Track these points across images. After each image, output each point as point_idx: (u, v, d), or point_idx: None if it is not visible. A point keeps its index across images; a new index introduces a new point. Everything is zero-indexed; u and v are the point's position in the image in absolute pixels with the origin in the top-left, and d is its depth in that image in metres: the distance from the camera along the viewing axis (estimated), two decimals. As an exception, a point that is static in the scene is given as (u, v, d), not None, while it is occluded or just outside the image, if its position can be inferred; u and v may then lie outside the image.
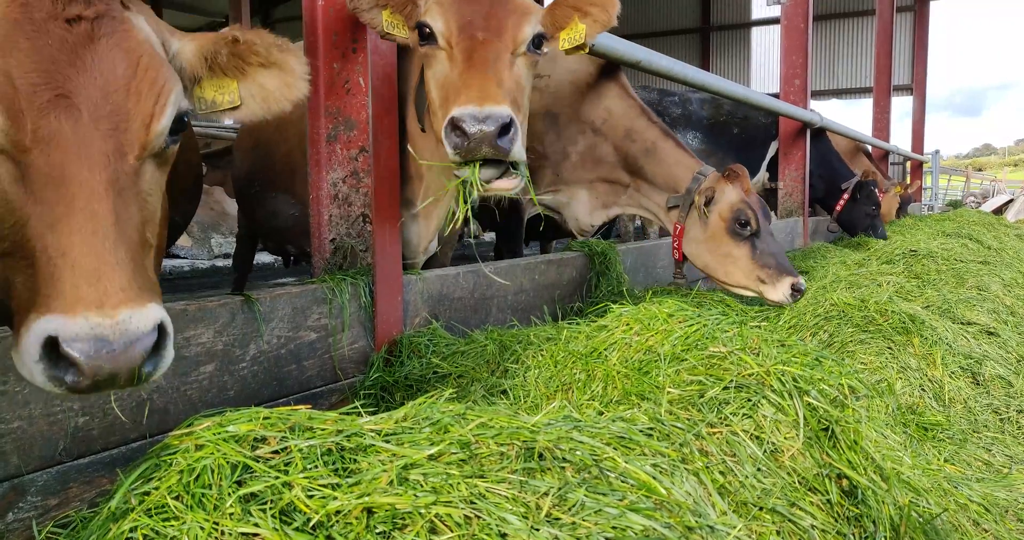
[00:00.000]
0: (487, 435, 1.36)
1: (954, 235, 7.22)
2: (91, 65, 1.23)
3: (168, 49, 1.47)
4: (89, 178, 1.17)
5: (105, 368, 1.10)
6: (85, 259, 1.12)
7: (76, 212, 1.15)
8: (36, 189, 1.17)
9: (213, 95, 1.51)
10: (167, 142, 1.34)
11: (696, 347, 2.02)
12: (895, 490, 1.83)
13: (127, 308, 1.11)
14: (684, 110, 7.76)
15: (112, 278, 1.12)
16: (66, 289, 1.10)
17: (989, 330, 3.92)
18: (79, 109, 1.20)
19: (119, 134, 1.24)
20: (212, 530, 1.13)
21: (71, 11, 1.24)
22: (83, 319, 1.08)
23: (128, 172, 1.24)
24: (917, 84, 17.07)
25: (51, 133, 1.18)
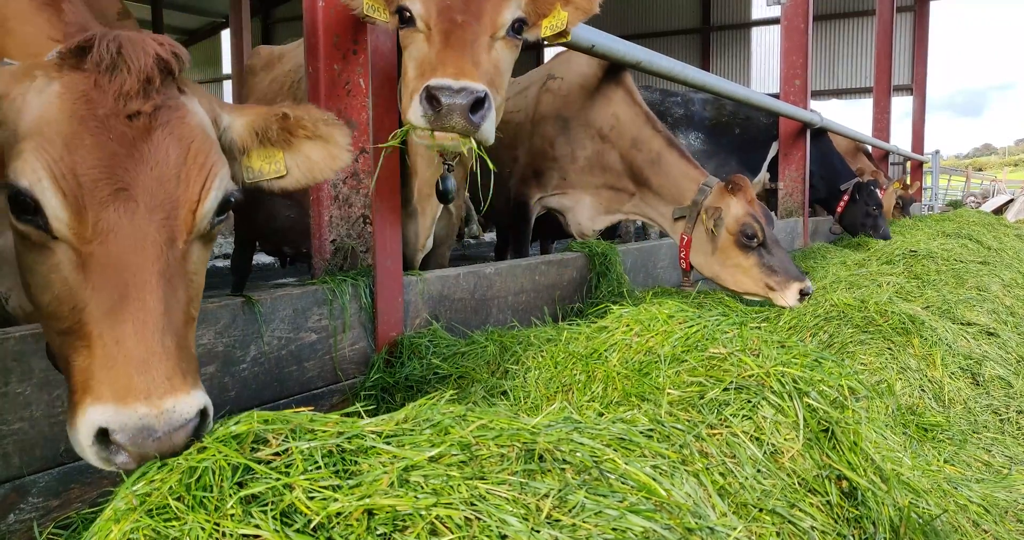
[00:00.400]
0: (488, 437, 1.36)
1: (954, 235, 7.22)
2: (147, 156, 1.30)
3: (219, 124, 1.53)
4: (142, 268, 1.25)
5: (150, 453, 1.21)
6: (137, 349, 1.20)
7: (130, 302, 1.23)
8: (94, 277, 1.25)
9: (260, 165, 1.57)
10: (213, 223, 1.39)
11: (696, 348, 2.03)
12: (895, 491, 1.84)
13: (172, 397, 1.20)
14: (686, 111, 7.76)
15: (159, 368, 1.21)
16: (118, 378, 1.19)
17: (989, 331, 3.93)
18: (136, 201, 1.27)
19: (170, 222, 1.31)
20: (213, 531, 1.13)
21: (131, 107, 1.31)
22: (132, 411, 1.17)
23: (177, 257, 1.32)
24: (917, 84, 17.07)
25: (110, 226, 1.25)
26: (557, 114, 4.53)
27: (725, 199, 3.84)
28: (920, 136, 16.69)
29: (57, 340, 1.32)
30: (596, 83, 4.45)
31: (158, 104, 1.34)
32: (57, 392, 1.70)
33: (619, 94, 4.39)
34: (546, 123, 4.57)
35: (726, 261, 3.82)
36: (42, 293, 1.32)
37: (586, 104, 4.44)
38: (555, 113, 4.54)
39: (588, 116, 4.43)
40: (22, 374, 1.64)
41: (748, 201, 3.82)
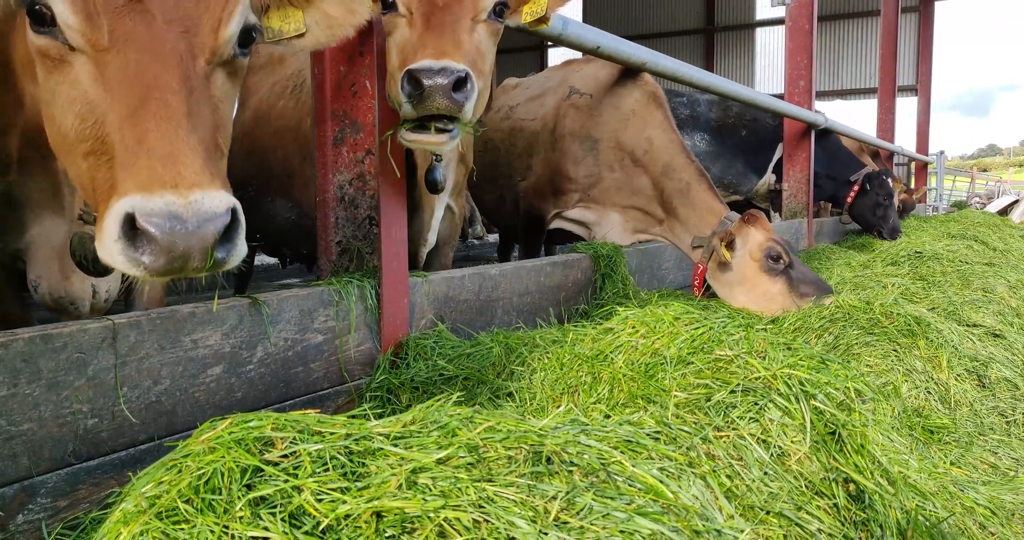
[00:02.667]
0: (495, 439, 1.36)
1: (959, 236, 7.21)
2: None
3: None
4: (162, 74, 1.23)
5: (179, 245, 1.14)
6: (160, 143, 1.18)
7: (151, 103, 1.21)
8: (114, 86, 1.24)
9: (280, 24, 1.58)
10: (236, 52, 1.41)
11: (702, 350, 2.03)
12: (902, 494, 1.83)
13: (200, 190, 1.16)
14: (692, 111, 7.76)
15: (186, 162, 1.17)
16: (143, 171, 1.16)
17: (995, 332, 3.91)
18: (152, 13, 1.27)
19: (190, 37, 1.30)
20: (222, 533, 1.13)
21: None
22: (158, 197, 1.13)
23: (199, 74, 1.30)
24: (922, 85, 17.04)
25: (126, 34, 1.25)
26: (587, 134, 4.46)
27: (744, 229, 3.87)
28: (925, 137, 16.67)
29: (84, 168, 1.30)
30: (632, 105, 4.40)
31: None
32: (65, 393, 1.71)
33: (657, 118, 4.36)
34: (572, 141, 4.51)
35: (753, 289, 3.83)
36: (65, 116, 1.31)
37: (620, 126, 4.39)
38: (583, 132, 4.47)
39: (621, 138, 4.38)
40: (31, 375, 1.65)
41: (766, 229, 3.86)
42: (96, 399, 1.76)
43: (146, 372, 1.86)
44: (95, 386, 1.76)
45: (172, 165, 1.16)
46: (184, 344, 1.95)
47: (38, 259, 2.23)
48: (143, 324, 1.85)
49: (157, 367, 1.88)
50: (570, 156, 4.49)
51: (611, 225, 4.53)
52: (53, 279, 2.24)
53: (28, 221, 2.17)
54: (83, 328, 1.73)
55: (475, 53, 2.27)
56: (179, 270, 1.18)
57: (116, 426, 1.80)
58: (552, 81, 4.86)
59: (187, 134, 1.20)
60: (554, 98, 4.68)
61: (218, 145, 1.33)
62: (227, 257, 1.22)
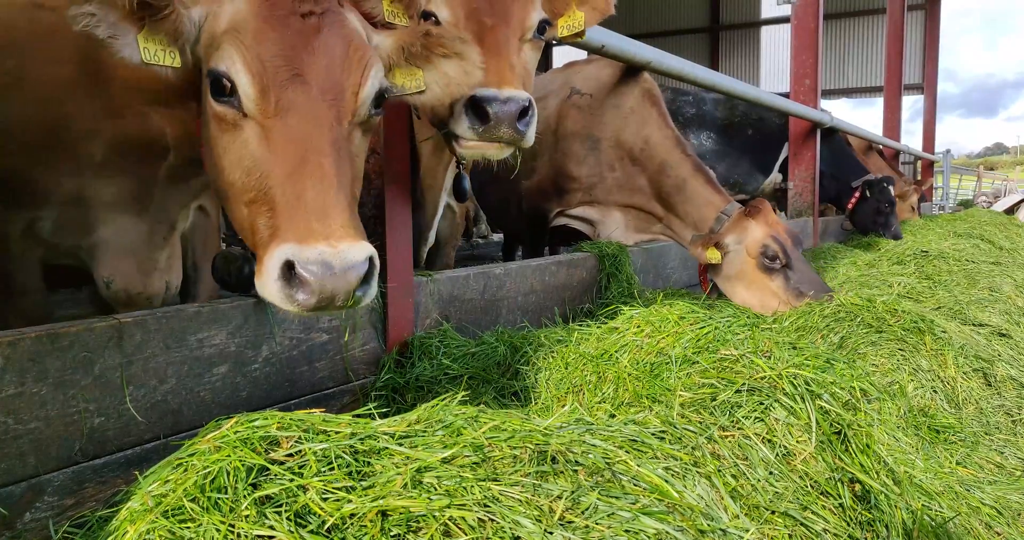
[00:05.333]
0: (500, 438, 1.36)
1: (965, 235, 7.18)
2: (318, 49, 1.55)
3: (371, 41, 1.75)
4: (318, 138, 1.48)
5: (328, 287, 1.38)
6: (315, 200, 1.42)
7: (308, 164, 1.45)
8: (277, 147, 1.49)
9: (403, 81, 1.79)
10: (371, 111, 1.64)
11: (707, 350, 2.02)
12: (907, 494, 1.83)
13: (346, 242, 1.40)
14: (698, 110, 7.74)
15: (336, 217, 1.42)
16: (300, 224, 1.40)
17: (1001, 332, 3.90)
18: (310, 84, 1.52)
19: (337, 103, 1.55)
20: (228, 532, 1.14)
21: (304, 8, 1.57)
22: (313, 247, 1.37)
23: (344, 135, 1.55)
24: (928, 83, 16.96)
25: (289, 103, 1.50)
26: (587, 133, 4.47)
27: (744, 224, 3.83)
28: (931, 135, 16.60)
29: (245, 213, 1.56)
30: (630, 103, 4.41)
31: (325, 8, 1.59)
32: (72, 392, 1.71)
33: (653, 116, 4.36)
34: (573, 141, 4.52)
35: (750, 286, 3.81)
36: (234, 170, 1.57)
37: (619, 124, 4.40)
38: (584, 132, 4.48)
39: (620, 136, 4.39)
40: (38, 374, 1.65)
41: (768, 224, 3.81)
42: (102, 398, 1.77)
43: (152, 371, 1.87)
44: (101, 385, 1.76)
45: (325, 220, 1.40)
46: (190, 343, 1.96)
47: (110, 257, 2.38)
48: (149, 323, 1.86)
49: (163, 366, 1.89)
50: (573, 156, 4.49)
51: (615, 224, 4.53)
52: (130, 276, 2.41)
53: (97, 221, 2.31)
54: (89, 327, 1.74)
55: (525, 75, 2.30)
56: (326, 307, 1.41)
57: (122, 425, 1.81)
58: (554, 84, 4.87)
59: (336, 192, 1.44)
60: (556, 100, 4.69)
61: (354, 195, 1.57)
62: (364, 295, 1.44)
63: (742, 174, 7.91)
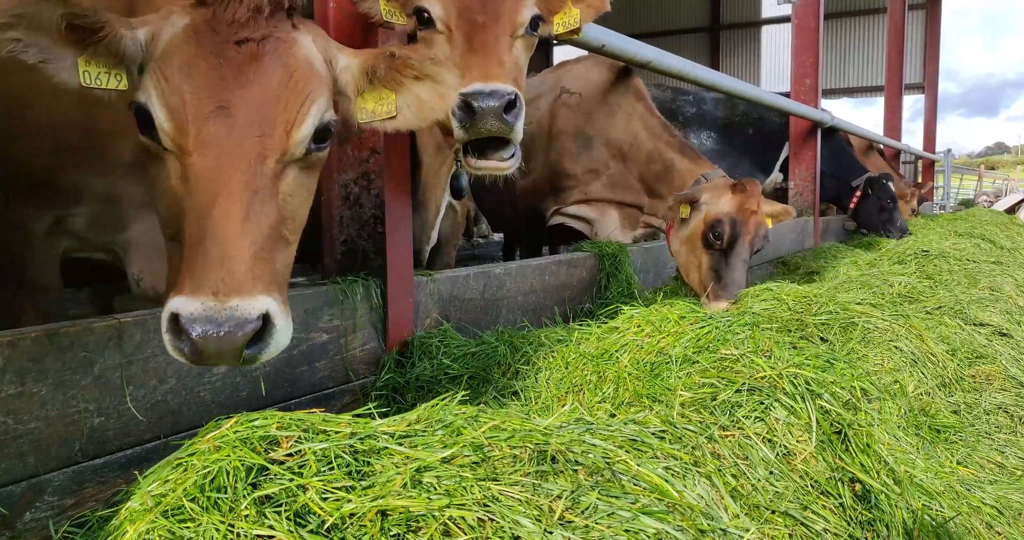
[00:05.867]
0: (500, 438, 1.36)
1: (966, 235, 7.17)
2: (250, 80, 1.43)
3: (335, 64, 1.66)
4: (233, 179, 1.37)
5: (211, 346, 1.29)
6: (214, 249, 1.32)
7: (215, 208, 1.35)
8: (192, 185, 1.39)
9: (373, 106, 1.67)
10: (310, 148, 1.52)
11: (707, 349, 2.02)
12: (908, 493, 1.83)
13: (237, 298, 1.30)
14: (698, 110, 7.74)
15: (232, 269, 1.31)
16: (195, 274, 1.32)
17: (1002, 331, 3.90)
18: (234, 119, 1.40)
19: (264, 139, 1.43)
20: (228, 532, 1.14)
21: (241, 35, 1.46)
22: (199, 303, 1.29)
23: (268, 174, 1.43)
24: (929, 83, 16.95)
25: (208, 139, 1.39)
26: (579, 131, 4.51)
27: (722, 192, 3.74)
28: (932, 135, 16.59)
29: (168, 246, 1.48)
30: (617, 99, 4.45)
31: (267, 33, 1.47)
32: (72, 392, 1.71)
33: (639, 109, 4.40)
34: (566, 140, 4.56)
35: (690, 251, 3.77)
36: (159, 203, 1.50)
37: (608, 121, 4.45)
38: (576, 130, 4.52)
39: (610, 134, 4.43)
40: (38, 374, 1.65)
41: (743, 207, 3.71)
42: (103, 398, 1.77)
43: (152, 371, 1.87)
44: (101, 385, 1.76)
45: (218, 272, 1.31)
46: (190, 343, 1.96)
47: (140, 255, 2.38)
48: (149, 323, 1.86)
49: (163, 366, 1.89)
50: (567, 153, 4.52)
51: (612, 223, 4.55)
52: (158, 275, 2.37)
53: (128, 219, 2.31)
54: (89, 327, 1.74)
55: (516, 71, 2.29)
56: (214, 362, 1.33)
57: (122, 425, 1.81)
58: (546, 84, 4.93)
59: (239, 240, 1.33)
60: (548, 100, 4.75)
61: (280, 237, 1.45)
62: (258, 353, 1.35)
63: (743, 174, 7.90)
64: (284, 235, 1.46)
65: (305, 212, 1.58)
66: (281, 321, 1.37)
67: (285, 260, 1.49)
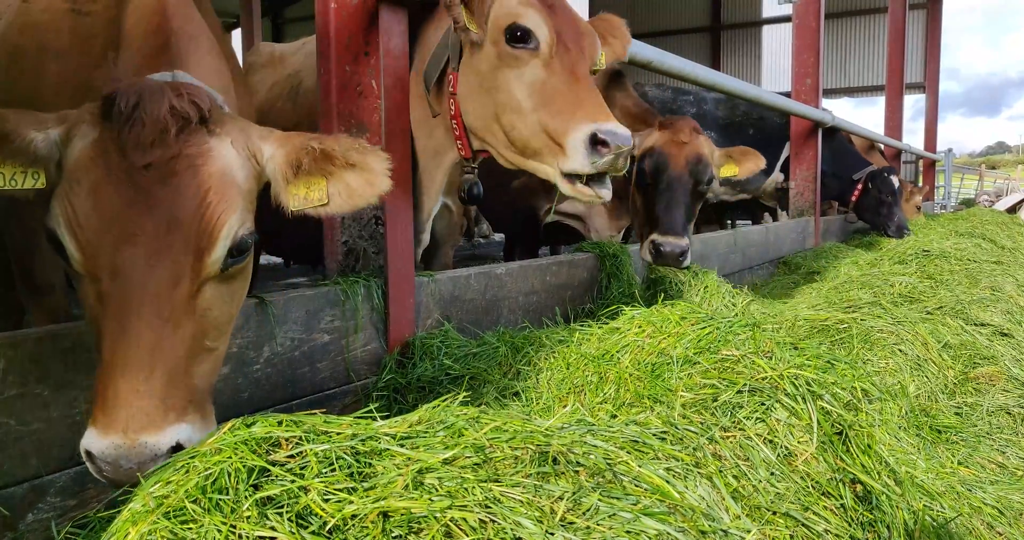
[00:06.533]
0: (501, 439, 1.36)
1: (967, 235, 7.17)
2: (160, 204, 1.38)
3: (260, 158, 1.59)
4: (140, 309, 1.35)
5: (123, 478, 1.32)
6: (123, 385, 1.31)
7: (126, 340, 1.33)
8: (107, 311, 1.37)
9: (305, 192, 1.61)
10: (227, 264, 1.47)
11: (708, 350, 2.02)
12: (909, 494, 1.83)
13: (146, 434, 1.31)
14: (699, 109, 7.74)
15: (140, 405, 1.31)
16: (107, 407, 1.32)
17: (1003, 331, 3.89)
18: (143, 247, 1.36)
19: (176, 266, 1.39)
20: (229, 533, 1.14)
21: (147, 158, 1.39)
22: (108, 441, 1.30)
23: (181, 298, 1.39)
24: (930, 82, 16.94)
25: (117, 268, 1.36)
26: None
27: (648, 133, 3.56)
28: (933, 134, 16.58)
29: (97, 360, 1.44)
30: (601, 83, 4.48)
31: (175, 154, 1.41)
32: (74, 393, 1.72)
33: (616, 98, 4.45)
34: None
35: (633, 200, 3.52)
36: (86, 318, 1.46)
37: None
38: None
39: None
40: (40, 375, 1.66)
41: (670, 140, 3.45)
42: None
43: (154, 372, 1.86)
44: (103, 386, 1.76)
45: (128, 409, 1.30)
46: (191, 344, 1.96)
47: None
48: (151, 324, 1.86)
49: (165, 367, 1.89)
50: None
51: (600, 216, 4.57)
52: None
53: None
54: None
55: None
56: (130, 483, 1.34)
57: (124, 426, 1.81)
58: None
59: (149, 374, 1.32)
60: None
61: (203, 349, 1.44)
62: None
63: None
64: (206, 346, 1.45)
65: (234, 310, 1.56)
66: (194, 442, 1.37)
67: (209, 367, 1.48)
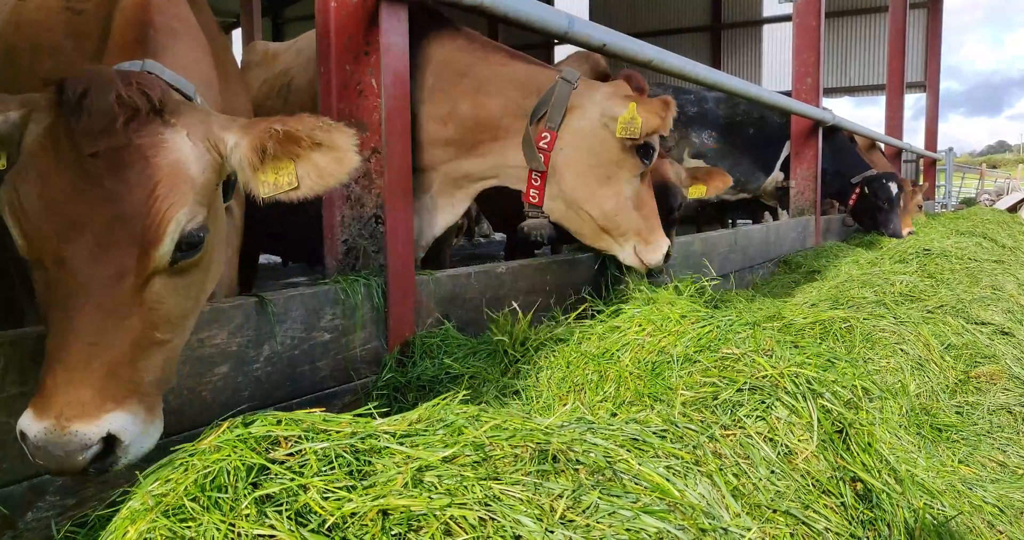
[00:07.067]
0: (501, 437, 1.36)
1: (968, 233, 7.17)
2: (107, 194, 1.35)
3: (223, 147, 1.56)
4: (83, 301, 1.33)
5: (53, 466, 1.29)
6: (61, 372, 1.30)
7: (69, 328, 1.32)
8: (54, 299, 1.36)
9: (274, 178, 1.58)
10: (176, 258, 1.44)
11: (709, 349, 2.02)
12: (909, 493, 1.83)
13: (78, 422, 1.28)
14: (699, 109, 7.73)
15: (76, 393, 1.29)
16: (45, 392, 1.30)
17: (1004, 330, 3.89)
18: (87, 236, 1.33)
19: (121, 258, 1.36)
20: (228, 531, 1.14)
21: (96, 147, 1.36)
22: (42, 426, 1.28)
23: (126, 291, 1.36)
24: (930, 81, 16.92)
25: (61, 256, 1.33)
26: None
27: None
28: (933, 133, 16.56)
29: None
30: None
31: (124, 144, 1.38)
32: (73, 392, 1.71)
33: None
34: None
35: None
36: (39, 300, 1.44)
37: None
38: None
39: None
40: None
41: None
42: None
43: (153, 371, 1.86)
44: (103, 385, 1.76)
45: (63, 396, 1.29)
46: (190, 343, 1.95)
47: None
48: (150, 323, 1.85)
49: (164, 366, 1.89)
50: None
51: None
52: None
53: None
54: (91, 327, 1.74)
55: None
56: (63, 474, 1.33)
57: (124, 424, 1.81)
58: None
59: (87, 363, 1.30)
60: None
61: (152, 342, 1.41)
62: (105, 466, 1.33)
63: (744, 172, 7.90)
64: (156, 339, 1.42)
65: (190, 303, 1.53)
66: (133, 434, 1.35)
67: (160, 359, 1.45)
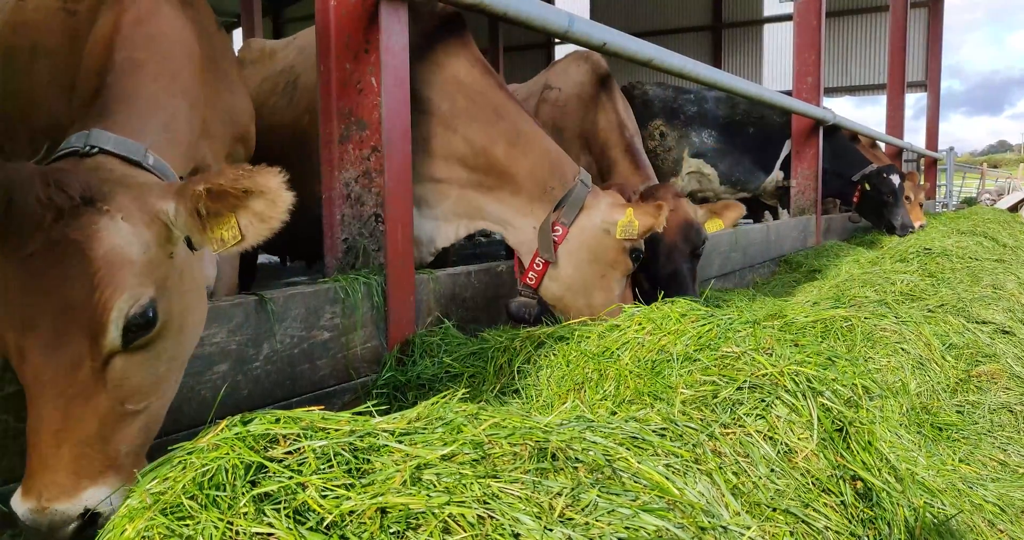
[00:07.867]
0: (500, 435, 1.36)
1: (969, 233, 7.15)
2: (52, 289, 1.40)
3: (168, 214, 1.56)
4: (44, 390, 1.40)
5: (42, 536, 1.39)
6: (36, 459, 1.40)
7: (37, 415, 1.41)
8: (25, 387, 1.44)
9: (222, 233, 1.58)
10: (131, 338, 1.47)
11: (709, 347, 2.02)
12: (910, 491, 1.82)
13: (58, 503, 1.38)
14: (699, 108, 7.73)
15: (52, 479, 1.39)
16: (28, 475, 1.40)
17: (1004, 329, 3.88)
18: (41, 331, 1.40)
19: (74, 347, 1.41)
20: (227, 530, 1.13)
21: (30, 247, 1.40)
22: (27, 507, 1.39)
23: (84, 377, 1.42)
24: (931, 80, 16.90)
25: (22, 351, 1.41)
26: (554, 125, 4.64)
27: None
28: (934, 133, 16.54)
29: None
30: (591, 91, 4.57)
31: (58, 239, 1.41)
32: (72, 390, 1.71)
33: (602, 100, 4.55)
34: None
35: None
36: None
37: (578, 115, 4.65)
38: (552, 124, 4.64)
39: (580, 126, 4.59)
40: (38, 372, 1.65)
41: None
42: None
43: (153, 369, 1.86)
44: (102, 383, 1.76)
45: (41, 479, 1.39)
46: (190, 341, 1.95)
47: None
48: (149, 321, 1.85)
49: (163, 364, 1.88)
50: None
51: None
52: None
53: None
54: (90, 325, 1.73)
55: None
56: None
57: (123, 423, 1.80)
58: (537, 84, 5.09)
59: (56, 450, 1.39)
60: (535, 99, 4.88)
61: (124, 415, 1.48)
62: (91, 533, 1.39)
63: (744, 172, 7.90)
64: (127, 411, 1.48)
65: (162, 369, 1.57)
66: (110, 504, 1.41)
67: (137, 427, 1.50)
